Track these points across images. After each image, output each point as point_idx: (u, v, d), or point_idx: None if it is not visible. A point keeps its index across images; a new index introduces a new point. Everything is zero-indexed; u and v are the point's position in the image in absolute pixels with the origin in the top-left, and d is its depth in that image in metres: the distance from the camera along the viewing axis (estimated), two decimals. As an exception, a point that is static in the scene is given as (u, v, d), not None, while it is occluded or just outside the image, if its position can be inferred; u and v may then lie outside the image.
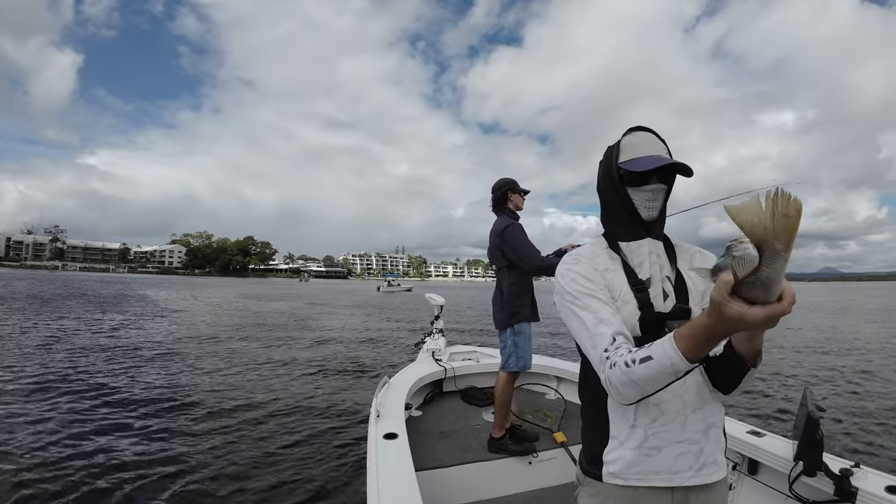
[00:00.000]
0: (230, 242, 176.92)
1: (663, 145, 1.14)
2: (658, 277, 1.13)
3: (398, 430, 2.26)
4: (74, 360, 8.28)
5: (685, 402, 1.06)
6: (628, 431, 1.08)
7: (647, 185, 1.12)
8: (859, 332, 15.67)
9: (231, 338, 12.12)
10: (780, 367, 9.19)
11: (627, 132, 1.18)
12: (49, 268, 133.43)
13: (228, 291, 40.35)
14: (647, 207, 1.13)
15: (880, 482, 1.71)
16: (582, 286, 1.09)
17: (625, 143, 1.16)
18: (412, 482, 1.73)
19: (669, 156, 1.13)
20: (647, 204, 1.12)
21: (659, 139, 1.16)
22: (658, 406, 1.06)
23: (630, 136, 1.16)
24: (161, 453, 4.23)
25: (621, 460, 1.09)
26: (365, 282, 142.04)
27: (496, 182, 3.28)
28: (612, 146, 1.20)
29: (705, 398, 1.08)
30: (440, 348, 4.22)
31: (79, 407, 5.53)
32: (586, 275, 1.11)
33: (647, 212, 1.13)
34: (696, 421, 1.07)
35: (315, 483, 3.81)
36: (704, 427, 1.07)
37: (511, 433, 2.92)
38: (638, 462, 1.07)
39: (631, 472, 1.08)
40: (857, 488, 1.70)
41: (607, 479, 1.11)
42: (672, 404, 1.06)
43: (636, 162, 1.10)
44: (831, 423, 5.45)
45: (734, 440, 2.22)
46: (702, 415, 1.07)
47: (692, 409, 1.07)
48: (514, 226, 3.06)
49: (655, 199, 1.12)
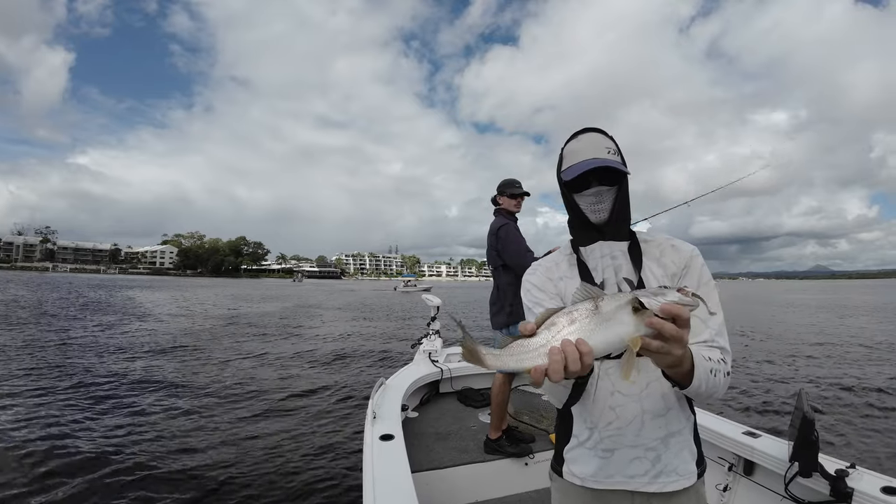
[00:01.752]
0: (222, 243, 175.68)
1: (606, 144, 1.12)
2: (613, 280, 1.12)
3: (394, 431, 2.26)
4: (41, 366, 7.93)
5: (644, 408, 1.06)
6: (588, 433, 1.12)
7: (588, 189, 1.12)
8: (854, 332, 15.78)
9: (225, 338, 12.03)
10: (776, 367, 9.25)
11: (570, 138, 1.18)
12: (39, 269, 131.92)
13: (220, 293, 40.03)
14: (593, 211, 1.13)
15: (876, 483, 1.72)
16: (533, 297, 1.16)
17: (566, 151, 1.16)
18: (408, 484, 1.73)
19: (618, 154, 1.12)
20: (591, 208, 1.13)
21: (605, 137, 1.14)
22: (614, 410, 1.07)
23: (571, 142, 1.16)
24: (159, 453, 4.19)
25: (580, 461, 1.13)
26: (375, 281, 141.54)
27: (501, 182, 3.30)
28: (560, 154, 1.20)
29: (670, 405, 1.07)
30: (437, 349, 4.20)
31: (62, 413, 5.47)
32: (539, 285, 1.17)
33: (593, 215, 1.13)
34: (655, 428, 1.07)
35: (311, 484, 3.79)
36: (664, 435, 1.07)
37: (507, 434, 2.92)
38: (595, 464, 1.10)
39: (588, 474, 1.11)
40: (853, 489, 1.71)
41: (567, 476, 1.16)
42: (629, 409, 1.07)
43: (569, 170, 1.11)
44: (827, 424, 5.48)
45: (730, 441, 2.23)
46: (663, 422, 1.07)
47: (651, 416, 1.06)
48: (508, 226, 3.07)
49: (599, 202, 1.12)
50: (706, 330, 1.03)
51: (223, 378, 7.49)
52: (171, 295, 32.83)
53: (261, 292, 42.97)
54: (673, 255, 1.12)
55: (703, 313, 0.97)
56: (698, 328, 1.02)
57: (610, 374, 1.09)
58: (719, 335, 1.04)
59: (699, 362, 0.90)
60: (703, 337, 1.03)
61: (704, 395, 0.96)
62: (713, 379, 0.95)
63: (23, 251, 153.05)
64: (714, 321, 1.04)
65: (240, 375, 7.74)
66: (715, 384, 0.96)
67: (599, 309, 0.75)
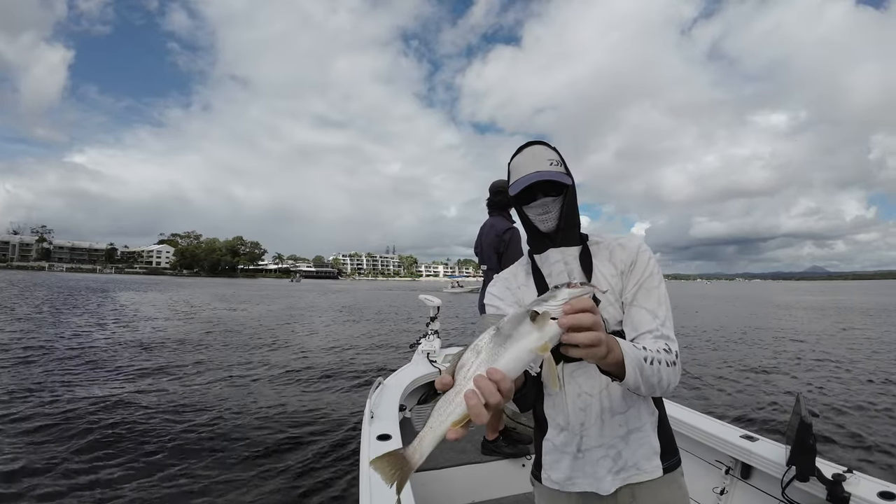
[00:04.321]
0: (219, 243, 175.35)
1: (549, 156, 1.16)
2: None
3: (392, 431, 2.26)
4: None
5: (603, 407, 1.11)
6: (561, 435, 1.16)
7: (535, 201, 1.17)
8: (852, 334, 15.83)
9: (220, 340, 11.98)
10: (774, 371, 9.25)
11: (515, 152, 1.21)
12: (35, 268, 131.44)
13: (217, 293, 39.89)
14: (541, 221, 1.18)
15: (873, 488, 1.71)
16: (493, 306, 1.22)
17: (511, 166, 1.21)
18: (405, 484, 1.72)
19: (561, 165, 1.17)
20: (539, 218, 1.18)
21: (548, 149, 1.18)
22: (584, 411, 1.12)
23: (516, 157, 1.20)
24: (157, 448, 4.17)
25: (555, 465, 1.17)
26: (382, 281, 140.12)
27: (496, 182, 3.24)
28: (508, 169, 1.24)
29: (630, 402, 1.11)
30: (435, 350, 4.20)
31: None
32: (498, 294, 1.23)
33: (542, 225, 1.18)
34: (616, 425, 1.10)
35: (308, 484, 3.77)
36: (625, 432, 1.11)
37: (505, 435, 2.92)
38: (567, 466, 1.14)
39: (563, 478, 1.15)
40: (850, 493, 1.70)
41: (545, 482, 1.19)
42: (594, 408, 1.11)
43: (514, 185, 1.17)
44: (824, 429, 5.48)
45: (727, 444, 2.23)
46: (623, 419, 1.11)
47: (611, 414, 1.10)
48: (515, 232, 3.05)
49: (546, 212, 1.17)
50: (653, 321, 1.07)
51: (217, 377, 7.46)
52: (162, 296, 32.68)
53: (261, 292, 42.85)
54: (621, 252, 1.17)
55: (650, 303, 1.08)
56: (644, 319, 1.08)
57: (575, 377, 1.12)
58: (664, 326, 1.07)
59: (628, 351, 0.90)
60: (649, 327, 1.07)
61: (644, 386, 0.95)
62: (650, 367, 0.95)
63: (19, 250, 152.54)
64: (660, 313, 1.08)
65: (234, 376, 7.70)
66: (655, 373, 0.96)
67: (501, 331, 0.75)
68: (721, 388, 7.51)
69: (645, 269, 1.13)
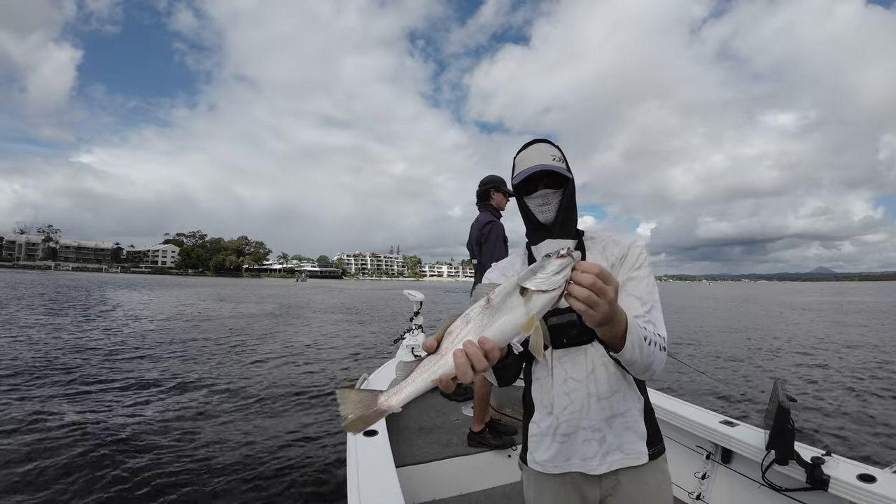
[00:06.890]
0: (224, 242, 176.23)
1: (552, 153, 1.23)
2: None
3: (378, 426, 2.24)
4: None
5: (590, 392, 1.15)
6: (547, 419, 1.20)
7: (535, 192, 1.24)
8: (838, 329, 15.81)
9: (216, 336, 12.05)
10: (753, 359, 9.34)
11: (521, 149, 1.29)
12: (41, 268, 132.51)
13: (220, 293, 40.02)
14: (541, 212, 1.24)
15: (852, 470, 1.71)
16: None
17: (517, 160, 1.28)
18: (392, 478, 1.73)
19: (563, 162, 1.24)
20: (539, 209, 1.25)
21: (551, 146, 1.25)
22: (568, 395, 1.16)
23: (521, 152, 1.28)
24: (147, 448, 4.19)
25: (541, 447, 1.21)
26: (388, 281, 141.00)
27: (484, 178, 3.29)
28: (512, 163, 1.31)
29: (615, 388, 1.15)
30: (419, 344, 4.19)
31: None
32: (496, 281, 1.23)
33: (541, 215, 1.25)
34: (600, 409, 1.14)
35: (295, 480, 3.78)
36: (609, 416, 1.14)
37: (491, 427, 2.92)
38: (554, 449, 1.18)
39: (548, 459, 1.19)
40: (829, 476, 1.70)
41: (532, 465, 1.24)
42: (580, 392, 1.15)
43: (518, 175, 1.24)
44: (802, 413, 5.52)
45: (708, 430, 2.24)
46: (608, 404, 1.14)
47: (597, 398, 1.14)
48: (495, 224, 3.07)
49: (546, 203, 1.23)
50: (641, 307, 1.11)
51: (208, 375, 7.50)
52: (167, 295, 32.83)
53: (266, 292, 42.98)
54: (614, 247, 1.22)
55: (638, 291, 1.12)
56: (632, 305, 1.10)
57: (563, 362, 1.18)
58: (651, 312, 1.11)
59: (633, 326, 0.94)
60: (636, 313, 1.09)
61: (640, 363, 0.99)
62: (648, 348, 0.99)
63: (25, 250, 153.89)
64: (648, 300, 1.13)
65: (223, 373, 7.75)
66: (650, 354, 1.00)
67: (491, 302, 0.79)
68: (702, 379, 7.52)
69: (635, 261, 1.17)
